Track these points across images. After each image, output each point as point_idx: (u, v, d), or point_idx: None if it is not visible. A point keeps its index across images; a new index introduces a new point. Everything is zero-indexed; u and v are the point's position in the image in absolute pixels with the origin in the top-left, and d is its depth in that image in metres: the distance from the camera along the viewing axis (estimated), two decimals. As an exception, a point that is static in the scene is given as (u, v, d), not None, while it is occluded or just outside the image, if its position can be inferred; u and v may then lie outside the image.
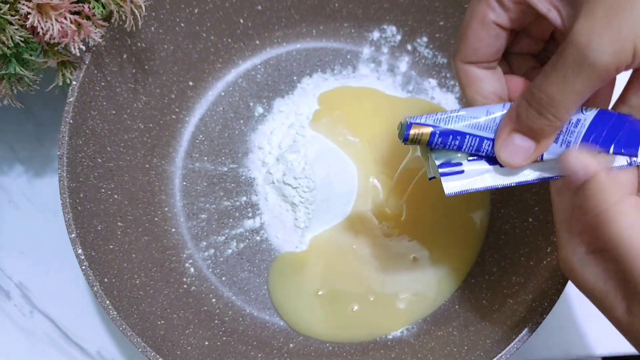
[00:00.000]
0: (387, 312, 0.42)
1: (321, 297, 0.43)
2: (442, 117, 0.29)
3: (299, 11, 0.48)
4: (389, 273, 0.43)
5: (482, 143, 0.29)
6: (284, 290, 0.44)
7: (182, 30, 0.44)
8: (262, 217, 0.45)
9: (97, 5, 0.36)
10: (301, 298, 0.43)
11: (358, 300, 0.43)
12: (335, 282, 0.43)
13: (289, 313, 0.43)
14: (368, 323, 0.42)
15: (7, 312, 0.44)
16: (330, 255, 0.44)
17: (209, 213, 0.46)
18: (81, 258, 0.35)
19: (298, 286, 0.43)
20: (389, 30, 0.49)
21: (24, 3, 0.33)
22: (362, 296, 0.43)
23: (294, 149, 0.44)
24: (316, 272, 0.43)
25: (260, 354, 0.40)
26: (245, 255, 0.45)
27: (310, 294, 0.43)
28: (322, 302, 0.43)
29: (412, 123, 0.29)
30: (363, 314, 0.42)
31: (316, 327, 0.42)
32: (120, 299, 0.36)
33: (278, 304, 0.43)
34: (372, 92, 0.48)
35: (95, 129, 0.40)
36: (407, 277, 0.43)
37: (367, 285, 0.43)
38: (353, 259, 0.43)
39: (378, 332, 0.42)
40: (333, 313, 0.43)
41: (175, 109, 0.47)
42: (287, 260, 0.44)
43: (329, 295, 0.43)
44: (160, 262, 0.42)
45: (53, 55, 0.36)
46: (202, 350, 0.39)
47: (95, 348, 0.44)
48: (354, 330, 0.42)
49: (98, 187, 0.40)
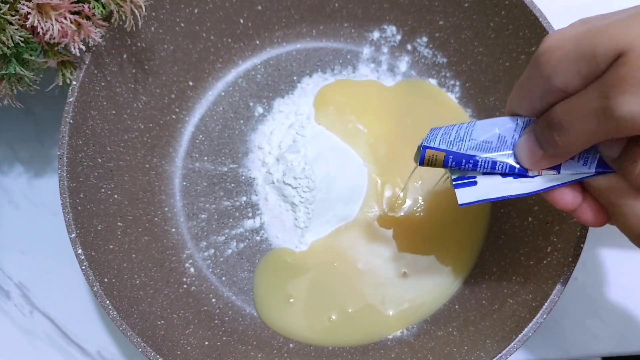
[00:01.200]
0: (375, 320, 0.42)
1: (291, 304, 0.43)
2: (455, 141, 0.30)
3: (299, 11, 0.48)
4: (379, 285, 0.43)
5: (496, 164, 0.30)
6: (263, 284, 0.44)
7: (182, 30, 0.44)
8: (262, 217, 0.45)
9: (97, 5, 0.36)
10: (275, 298, 0.43)
11: (337, 310, 0.42)
12: (314, 292, 0.43)
13: (262, 306, 0.43)
14: (352, 330, 0.42)
15: (7, 312, 0.44)
16: (323, 261, 0.44)
17: (209, 213, 0.46)
18: (81, 258, 0.35)
19: (275, 286, 0.43)
20: (389, 30, 0.49)
21: (24, 3, 0.33)
22: (342, 307, 0.43)
23: (294, 149, 0.44)
24: (300, 278, 0.43)
25: (260, 354, 0.40)
26: (245, 255, 0.45)
27: (282, 298, 0.43)
28: (292, 309, 0.43)
29: (425, 147, 0.30)
30: (343, 323, 0.42)
31: (285, 327, 0.43)
32: (120, 299, 0.36)
33: (255, 295, 0.43)
34: (374, 84, 0.48)
35: (95, 129, 0.40)
36: (398, 288, 0.43)
37: (352, 296, 0.43)
38: (345, 268, 0.43)
39: (366, 338, 0.42)
40: (305, 318, 0.43)
41: (175, 109, 0.47)
42: (280, 256, 0.44)
43: (300, 304, 0.43)
44: (160, 262, 0.42)
45: (53, 55, 0.36)
46: (202, 350, 0.39)
47: (95, 348, 0.44)
48: (335, 336, 0.42)
49: (98, 187, 0.40)
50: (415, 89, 0.48)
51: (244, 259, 0.45)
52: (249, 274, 0.44)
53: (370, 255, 0.43)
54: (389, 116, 0.47)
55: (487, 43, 0.44)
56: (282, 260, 0.44)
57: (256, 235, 0.45)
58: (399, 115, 0.47)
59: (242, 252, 0.45)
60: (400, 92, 0.48)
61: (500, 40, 0.43)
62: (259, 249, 0.45)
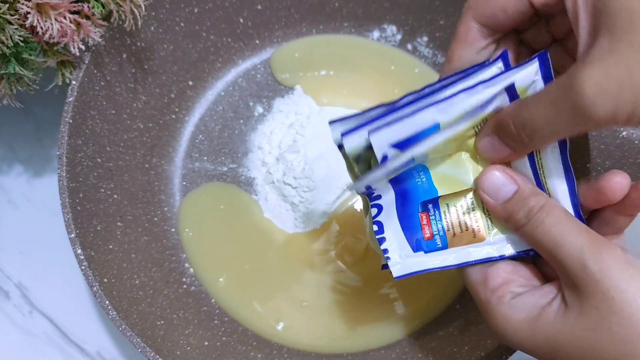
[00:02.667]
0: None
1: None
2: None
3: (299, 10, 0.48)
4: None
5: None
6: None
7: (181, 29, 0.44)
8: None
9: (97, 4, 0.36)
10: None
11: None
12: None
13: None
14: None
15: (7, 312, 0.44)
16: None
17: (208, 213, 0.45)
18: (80, 258, 0.35)
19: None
20: (389, 29, 0.48)
21: (23, 2, 0.33)
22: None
23: (294, 149, 0.44)
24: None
25: (260, 354, 0.40)
26: (245, 255, 0.45)
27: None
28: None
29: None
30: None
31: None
32: (120, 299, 0.36)
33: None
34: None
35: (94, 128, 0.40)
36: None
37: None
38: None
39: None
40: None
41: (175, 109, 0.47)
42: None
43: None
44: (160, 262, 0.42)
45: (52, 55, 0.36)
46: (202, 350, 0.39)
47: (95, 348, 0.44)
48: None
49: (97, 187, 0.40)
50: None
51: (244, 259, 0.45)
52: (249, 274, 0.44)
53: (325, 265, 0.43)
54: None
55: (488, 42, 0.44)
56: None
57: (256, 235, 0.45)
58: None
59: (242, 252, 0.45)
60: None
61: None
62: (259, 249, 0.45)
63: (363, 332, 0.42)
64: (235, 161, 0.47)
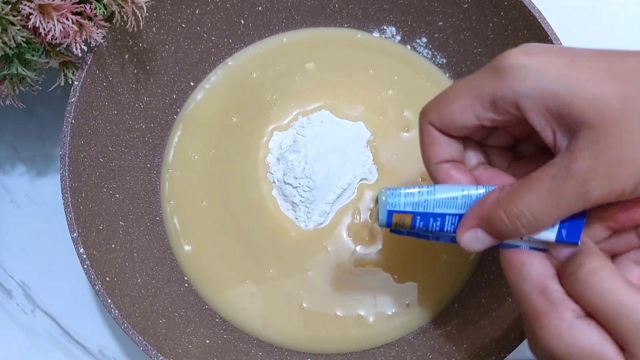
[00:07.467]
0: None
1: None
2: (421, 202, 0.28)
3: (299, 12, 0.48)
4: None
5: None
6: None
7: (183, 30, 0.45)
8: (263, 217, 0.45)
9: (99, 6, 0.36)
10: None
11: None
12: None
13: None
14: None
15: (9, 311, 0.45)
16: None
17: (209, 212, 0.46)
18: (83, 257, 0.36)
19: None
20: (388, 30, 0.49)
21: (25, 4, 0.33)
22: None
23: (294, 149, 0.44)
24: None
25: (261, 352, 0.41)
26: (245, 255, 0.45)
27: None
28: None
29: (391, 212, 0.29)
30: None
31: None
32: (122, 297, 0.37)
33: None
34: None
35: (97, 128, 0.40)
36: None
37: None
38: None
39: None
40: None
41: (177, 109, 0.47)
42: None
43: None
44: (162, 261, 0.43)
45: (55, 56, 0.36)
46: (204, 348, 0.39)
47: (97, 346, 0.44)
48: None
49: (100, 186, 0.40)
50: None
51: (245, 258, 0.45)
52: (250, 273, 0.44)
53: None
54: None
55: (486, 43, 0.45)
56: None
57: (257, 235, 0.45)
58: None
59: (243, 251, 0.45)
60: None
61: (499, 41, 0.44)
62: (259, 248, 0.45)
63: (362, 331, 0.42)
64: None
